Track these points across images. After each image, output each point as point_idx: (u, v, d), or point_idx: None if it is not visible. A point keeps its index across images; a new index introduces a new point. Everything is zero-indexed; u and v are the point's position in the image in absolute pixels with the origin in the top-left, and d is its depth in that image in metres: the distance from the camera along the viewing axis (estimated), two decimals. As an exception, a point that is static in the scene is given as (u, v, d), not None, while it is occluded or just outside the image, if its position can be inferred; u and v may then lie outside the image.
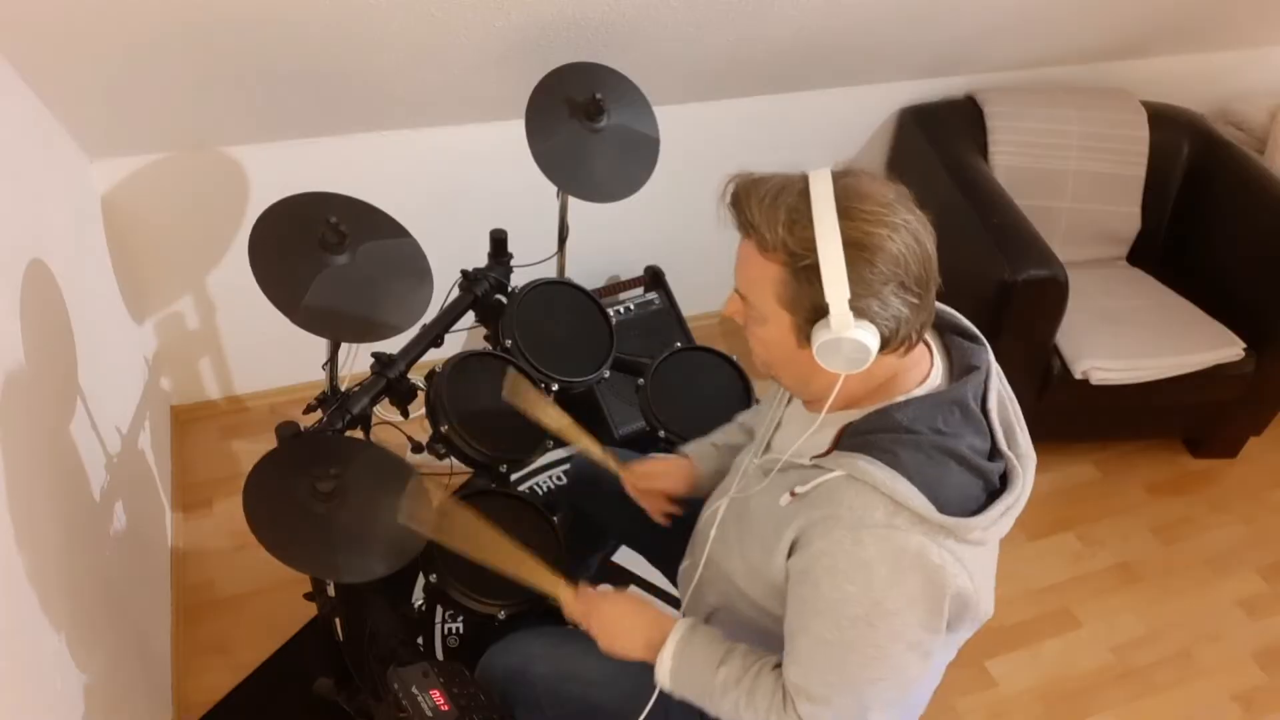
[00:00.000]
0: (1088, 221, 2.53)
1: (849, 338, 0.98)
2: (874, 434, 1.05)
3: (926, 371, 1.10)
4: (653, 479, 1.48)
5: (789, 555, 1.09)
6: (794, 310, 1.02)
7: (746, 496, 1.21)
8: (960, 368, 1.13)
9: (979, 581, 1.04)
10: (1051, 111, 2.49)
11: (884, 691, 1.07)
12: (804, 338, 1.03)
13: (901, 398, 1.07)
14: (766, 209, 1.00)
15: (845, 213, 0.97)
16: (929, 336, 1.15)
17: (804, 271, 0.99)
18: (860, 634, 1.02)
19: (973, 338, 1.17)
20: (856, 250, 0.97)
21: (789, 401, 1.25)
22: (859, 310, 0.98)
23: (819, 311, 0.99)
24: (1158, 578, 2.31)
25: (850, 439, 1.07)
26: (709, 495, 1.40)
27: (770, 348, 1.09)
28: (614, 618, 1.27)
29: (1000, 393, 1.15)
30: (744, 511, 1.20)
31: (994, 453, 1.10)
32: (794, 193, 0.99)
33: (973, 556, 1.03)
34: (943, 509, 1.00)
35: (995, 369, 1.15)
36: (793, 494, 1.07)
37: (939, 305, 1.17)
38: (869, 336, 0.99)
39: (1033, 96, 2.52)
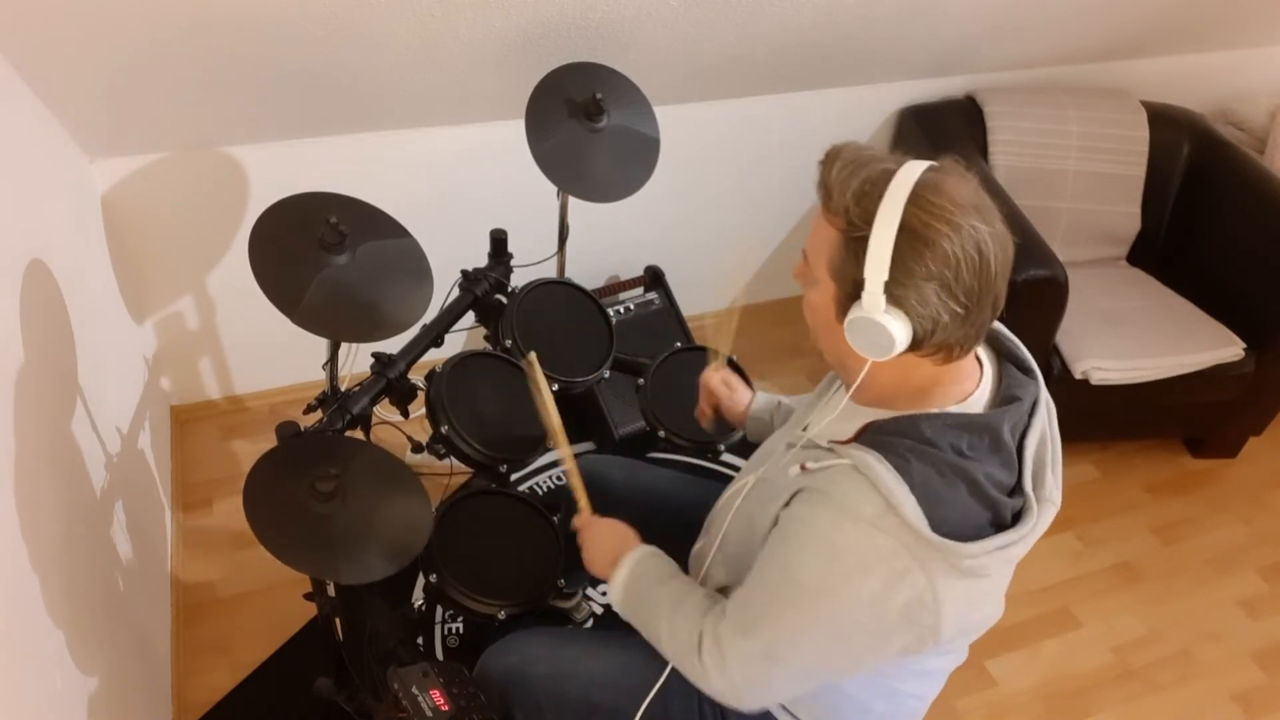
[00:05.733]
0: (1088, 221, 2.53)
1: (876, 320, 0.98)
2: (893, 437, 1.04)
3: (969, 392, 1.09)
4: (725, 385, 1.59)
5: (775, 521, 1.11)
6: (839, 280, 1.02)
7: (773, 476, 1.21)
8: (1004, 397, 1.11)
9: (953, 611, 1.01)
10: (1051, 111, 2.49)
11: (798, 658, 1.09)
12: (842, 311, 1.03)
13: (935, 410, 1.06)
14: (845, 174, 0.99)
15: (914, 200, 0.96)
16: (986, 359, 1.13)
17: (855, 243, 0.98)
18: (801, 602, 1.05)
19: (1027, 370, 1.15)
20: (910, 237, 0.95)
21: (833, 394, 1.26)
22: (895, 298, 0.97)
23: (858, 287, 0.99)
24: (1158, 578, 2.31)
25: (871, 435, 1.07)
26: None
27: (815, 313, 1.09)
28: (598, 535, 1.37)
29: (1045, 432, 1.13)
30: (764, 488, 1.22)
31: (1016, 490, 1.08)
32: (878, 170, 0.99)
33: (963, 588, 1.00)
34: (937, 528, 0.98)
35: (1048, 407, 1.14)
36: (803, 467, 1.09)
37: (1002, 330, 1.17)
38: (898, 327, 0.98)
39: (1033, 96, 2.52)
